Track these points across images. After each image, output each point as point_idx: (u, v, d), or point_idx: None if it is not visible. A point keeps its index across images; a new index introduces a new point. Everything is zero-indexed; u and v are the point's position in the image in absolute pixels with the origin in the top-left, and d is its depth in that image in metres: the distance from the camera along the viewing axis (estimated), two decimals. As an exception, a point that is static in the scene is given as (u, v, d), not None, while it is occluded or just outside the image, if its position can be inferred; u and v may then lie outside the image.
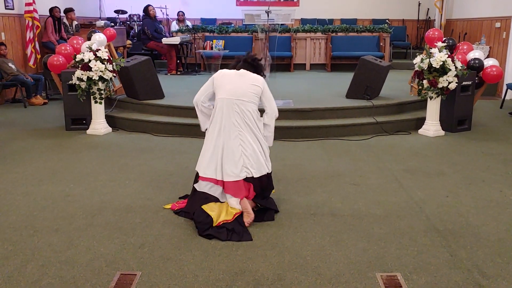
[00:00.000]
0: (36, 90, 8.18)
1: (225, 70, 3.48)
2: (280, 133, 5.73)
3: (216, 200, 3.36)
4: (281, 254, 2.86)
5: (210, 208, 3.27)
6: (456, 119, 6.01)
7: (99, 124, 5.98)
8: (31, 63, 8.78)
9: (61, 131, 6.09)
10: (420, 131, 6.00)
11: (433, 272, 2.66)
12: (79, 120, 6.15)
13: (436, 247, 2.96)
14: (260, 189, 3.41)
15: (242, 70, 3.43)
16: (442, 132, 5.92)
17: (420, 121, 6.13)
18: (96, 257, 2.82)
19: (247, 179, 3.35)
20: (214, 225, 3.16)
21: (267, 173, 3.43)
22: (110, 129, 6.08)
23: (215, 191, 3.38)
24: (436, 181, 4.20)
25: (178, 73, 9.94)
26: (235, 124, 3.32)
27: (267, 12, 5.81)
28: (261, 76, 3.50)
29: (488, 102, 8.34)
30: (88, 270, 2.67)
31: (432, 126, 5.90)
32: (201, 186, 3.40)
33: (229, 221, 3.20)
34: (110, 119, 6.24)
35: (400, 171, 4.49)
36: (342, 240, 3.05)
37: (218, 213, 3.25)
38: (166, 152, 5.14)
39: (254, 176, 3.34)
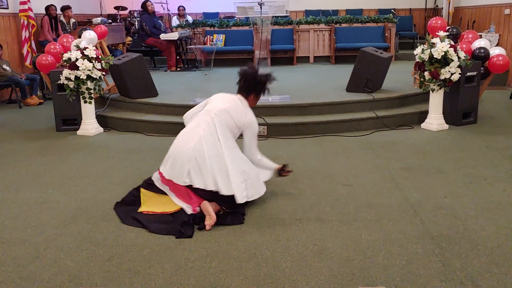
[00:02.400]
0: (31, 90, 8.05)
1: (222, 94, 3.56)
2: (275, 130, 5.52)
3: (160, 192, 3.40)
4: (258, 266, 2.64)
5: (146, 194, 3.40)
6: (460, 111, 5.71)
7: (89, 125, 5.81)
8: (27, 62, 8.65)
9: (52, 132, 5.94)
10: (423, 125, 5.73)
11: (422, 285, 2.42)
12: (70, 121, 5.98)
13: (428, 255, 2.72)
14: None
15: (238, 98, 3.49)
16: (446, 126, 5.64)
17: (423, 115, 5.84)
18: (60, 271, 2.64)
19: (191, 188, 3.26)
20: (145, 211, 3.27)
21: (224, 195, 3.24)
22: (101, 129, 5.91)
23: (162, 186, 3.41)
24: (435, 180, 3.94)
25: (178, 69, 9.74)
26: (199, 130, 3.31)
27: (260, 4, 5.57)
28: (263, 92, 3.59)
29: (497, 92, 7.99)
30: (48, 287, 2.49)
31: (435, 120, 5.62)
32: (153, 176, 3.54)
33: (168, 213, 3.22)
34: (102, 119, 6.07)
35: (397, 169, 4.24)
36: (326, 249, 2.82)
37: (156, 202, 3.33)
38: (155, 152, 4.94)
39: (194, 186, 3.22)
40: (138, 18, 11.75)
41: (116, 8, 12.10)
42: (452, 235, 2.95)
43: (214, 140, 3.29)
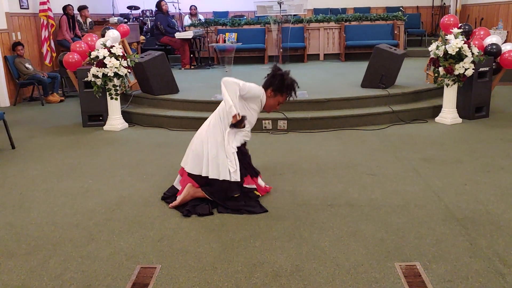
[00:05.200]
0: (52, 88, 8.28)
1: None
2: (295, 125, 5.73)
3: None
4: (299, 246, 2.86)
5: None
6: (473, 106, 5.92)
7: (115, 120, 6.03)
8: (47, 61, 8.89)
9: (79, 128, 6.16)
10: (437, 119, 5.93)
11: (453, 261, 2.64)
12: (95, 117, 6.20)
13: (455, 235, 2.93)
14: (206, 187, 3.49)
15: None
16: (460, 120, 5.84)
17: (437, 109, 6.05)
18: (116, 251, 2.87)
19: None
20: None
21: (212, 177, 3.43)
22: (126, 124, 6.14)
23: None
24: (454, 169, 4.16)
25: (192, 67, 9.96)
26: (208, 122, 3.60)
27: (279, 3, 5.77)
28: (280, 92, 3.54)
29: (508, 88, 8.19)
30: (108, 264, 2.72)
31: (449, 114, 5.83)
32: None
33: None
34: (126, 115, 6.29)
35: (417, 160, 4.45)
36: (360, 230, 3.04)
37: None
38: (182, 146, 5.11)
39: (190, 172, 3.53)
40: (150, 18, 11.98)
41: (129, 7, 12.32)
42: (476, 218, 3.17)
43: (216, 129, 3.45)
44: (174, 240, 2.98)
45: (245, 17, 11.55)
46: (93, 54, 5.75)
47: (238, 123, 3.35)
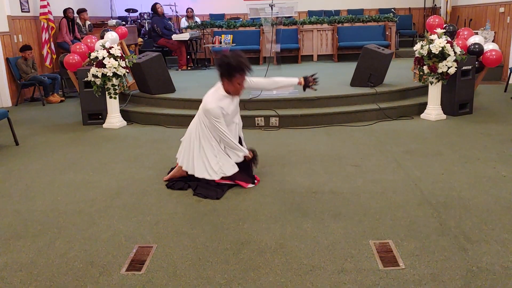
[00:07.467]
0: (53, 89, 8.54)
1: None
2: (286, 122, 5.99)
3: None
4: (283, 227, 3.13)
5: None
6: (457, 103, 6.19)
7: (114, 118, 6.29)
8: (47, 63, 9.15)
9: (79, 126, 6.42)
10: (422, 115, 6.20)
11: (422, 238, 2.91)
12: (95, 115, 6.46)
13: (427, 217, 3.20)
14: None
15: (217, 86, 4.00)
16: (444, 116, 6.11)
17: (423, 106, 6.32)
18: (116, 233, 3.12)
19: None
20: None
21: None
22: (125, 122, 6.40)
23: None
24: (434, 160, 4.42)
25: (189, 68, 10.23)
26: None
27: (271, 6, 6.06)
28: (231, 75, 3.76)
29: (493, 86, 8.47)
30: (109, 244, 2.97)
31: (433, 111, 6.10)
32: None
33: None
34: (124, 113, 6.55)
35: (399, 152, 4.71)
36: (340, 213, 3.31)
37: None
38: (178, 142, 5.30)
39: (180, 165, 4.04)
40: (148, 20, 12.25)
41: (127, 10, 12.59)
42: (449, 202, 3.43)
43: (195, 129, 3.96)
44: (170, 223, 3.24)
45: (240, 19, 11.83)
46: (93, 55, 6.01)
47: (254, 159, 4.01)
